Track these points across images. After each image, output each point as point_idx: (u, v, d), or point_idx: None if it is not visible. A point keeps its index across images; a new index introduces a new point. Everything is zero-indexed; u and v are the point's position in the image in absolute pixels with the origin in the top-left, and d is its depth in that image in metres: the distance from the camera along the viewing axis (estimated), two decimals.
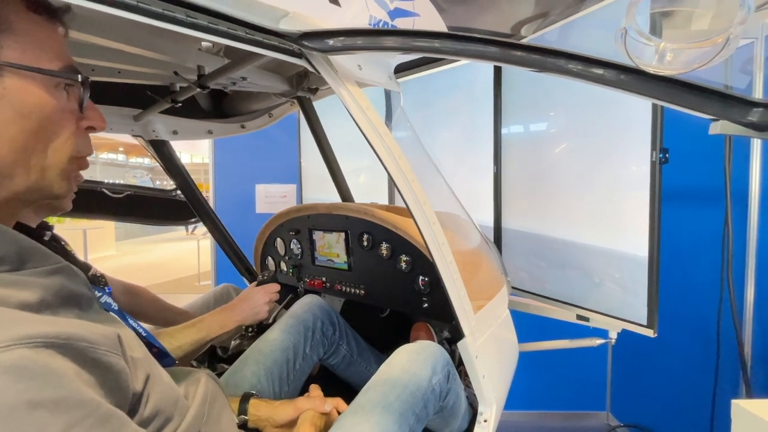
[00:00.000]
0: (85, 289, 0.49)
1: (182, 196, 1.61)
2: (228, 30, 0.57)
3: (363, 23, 0.71)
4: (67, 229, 6.19)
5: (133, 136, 1.37)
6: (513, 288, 1.68)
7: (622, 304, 1.34)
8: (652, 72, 0.43)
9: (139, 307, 1.29)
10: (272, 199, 2.79)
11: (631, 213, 1.26)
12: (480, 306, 1.07)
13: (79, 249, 5.94)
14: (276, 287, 1.18)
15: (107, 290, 0.57)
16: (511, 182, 1.67)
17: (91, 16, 0.49)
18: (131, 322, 0.62)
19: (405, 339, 1.40)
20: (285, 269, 1.56)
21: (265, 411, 0.81)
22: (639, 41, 0.42)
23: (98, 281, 0.58)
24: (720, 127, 0.53)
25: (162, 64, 0.92)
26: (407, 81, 1.96)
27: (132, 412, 0.44)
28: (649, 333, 1.22)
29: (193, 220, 2.09)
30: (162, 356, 0.66)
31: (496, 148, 1.70)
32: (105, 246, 8.36)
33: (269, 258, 1.63)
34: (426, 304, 1.14)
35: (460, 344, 0.96)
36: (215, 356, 1.12)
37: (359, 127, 0.73)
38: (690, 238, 1.88)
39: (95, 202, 1.68)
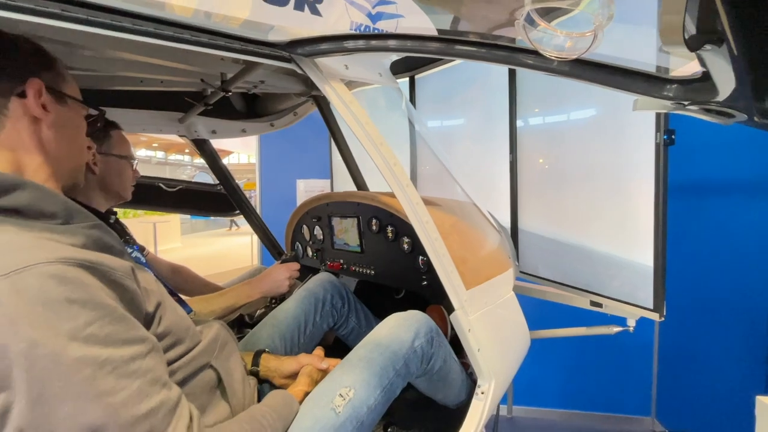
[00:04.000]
0: (117, 243, 0.66)
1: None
2: (226, 44, 0.71)
3: (344, 29, 0.83)
4: (140, 222, 6.98)
5: (179, 136, 1.59)
6: (528, 274, 1.71)
7: (637, 290, 1.32)
8: (554, 57, 0.49)
9: (183, 282, 1.51)
10: (311, 193, 2.98)
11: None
12: (475, 283, 1.14)
13: (149, 240, 6.68)
14: (296, 266, 1.34)
15: (135, 248, 0.75)
16: (527, 170, 1.69)
17: (139, 41, 0.65)
18: (152, 273, 0.79)
19: None
20: (310, 254, 1.72)
21: (273, 364, 0.96)
22: (538, 31, 0.49)
23: (129, 243, 0.76)
24: (640, 103, 0.58)
25: (192, 73, 1.10)
26: (427, 76, 2.04)
27: (147, 326, 0.60)
28: (655, 317, 1.21)
29: (235, 212, 2.33)
30: (182, 304, 0.83)
31: (511, 137, 1.73)
32: (172, 239, 9.26)
33: (297, 243, 1.80)
34: (425, 282, 1.23)
35: (451, 317, 1.04)
36: (243, 323, 1.31)
37: (343, 119, 0.85)
38: (744, 237, 1.77)
39: (153, 195, 1.95)
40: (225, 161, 2.99)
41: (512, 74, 1.68)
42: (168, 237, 8.93)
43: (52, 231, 0.56)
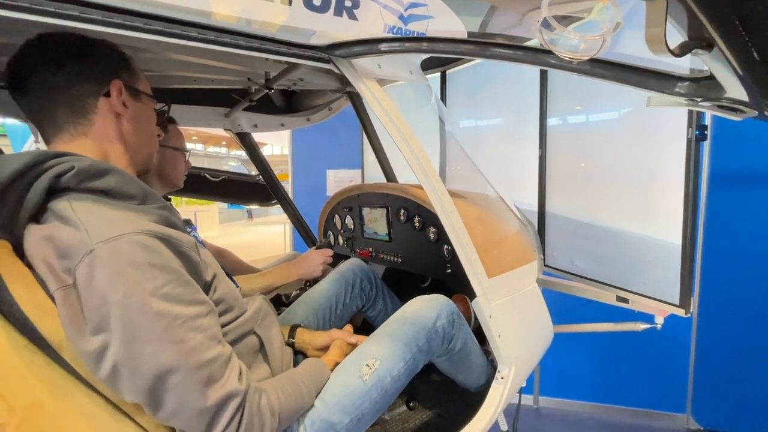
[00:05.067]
0: (180, 223, 0.77)
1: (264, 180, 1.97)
2: (274, 48, 0.80)
3: (378, 31, 0.90)
4: (182, 211, 7.39)
5: (225, 129, 1.73)
6: (554, 269, 1.72)
7: (665, 286, 1.32)
8: (567, 57, 0.55)
9: (226, 264, 1.65)
10: (341, 183, 3.09)
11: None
12: (498, 272, 1.19)
13: None
14: (330, 252, 1.44)
15: (194, 228, 0.86)
16: (556, 165, 1.71)
17: (203, 48, 0.75)
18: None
19: None
20: (341, 242, 1.82)
21: (307, 336, 1.06)
22: (554, 34, 0.54)
23: (189, 224, 0.88)
24: (654, 100, 0.62)
25: (240, 73, 1.21)
26: (458, 71, 2.08)
27: (206, 293, 0.71)
28: (681, 313, 1.21)
29: (273, 201, 2.47)
30: (230, 279, 0.94)
31: (541, 133, 1.74)
32: (211, 227, 9.76)
33: (329, 232, 1.90)
34: (449, 270, 1.29)
35: (473, 302, 1.10)
36: (280, 302, 1.42)
37: (376, 114, 0.92)
38: None
39: (199, 184, 2.12)
40: None
41: (543, 71, 1.69)
42: (207, 225, 9.41)
43: (132, 210, 0.67)
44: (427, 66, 2.12)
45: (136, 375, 0.57)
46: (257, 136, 1.86)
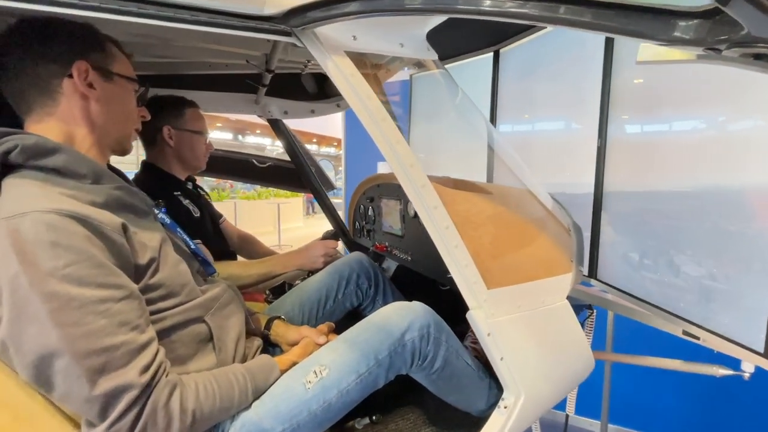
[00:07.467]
0: (141, 204, 0.76)
1: None
2: (224, 22, 0.74)
3: None
4: (268, 203, 7.99)
5: (258, 116, 1.76)
6: (609, 285, 1.42)
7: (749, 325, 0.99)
8: None
9: (248, 249, 1.70)
10: None
11: None
12: (506, 282, 1.00)
13: (273, 219, 7.60)
14: (334, 243, 1.38)
15: (163, 210, 0.85)
16: (617, 158, 1.39)
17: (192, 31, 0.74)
18: (180, 233, 0.89)
19: (461, 318, 1.34)
20: (365, 233, 1.74)
21: (281, 330, 1.01)
22: None
23: (159, 206, 0.87)
24: (646, 53, 0.41)
25: (238, 56, 1.19)
26: (511, 49, 1.82)
27: (139, 276, 0.69)
28: (765, 365, 0.88)
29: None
30: (205, 264, 0.92)
31: (601, 120, 1.43)
32: (294, 218, 10.35)
33: (357, 222, 1.83)
34: (450, 274, 1.12)
35: (467, 315, 0.94)
36: (284, 291, 1.41)
37: (343, 95, 0.81)
38: None
39: (247, 169, 2.22)
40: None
41: (608, 47, 1.38)
42: (291, 217, 9.88)
43: (80, 189, 0.67)
44: (475, 45, 1.90)
45: (20, 353, 0.57)
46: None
